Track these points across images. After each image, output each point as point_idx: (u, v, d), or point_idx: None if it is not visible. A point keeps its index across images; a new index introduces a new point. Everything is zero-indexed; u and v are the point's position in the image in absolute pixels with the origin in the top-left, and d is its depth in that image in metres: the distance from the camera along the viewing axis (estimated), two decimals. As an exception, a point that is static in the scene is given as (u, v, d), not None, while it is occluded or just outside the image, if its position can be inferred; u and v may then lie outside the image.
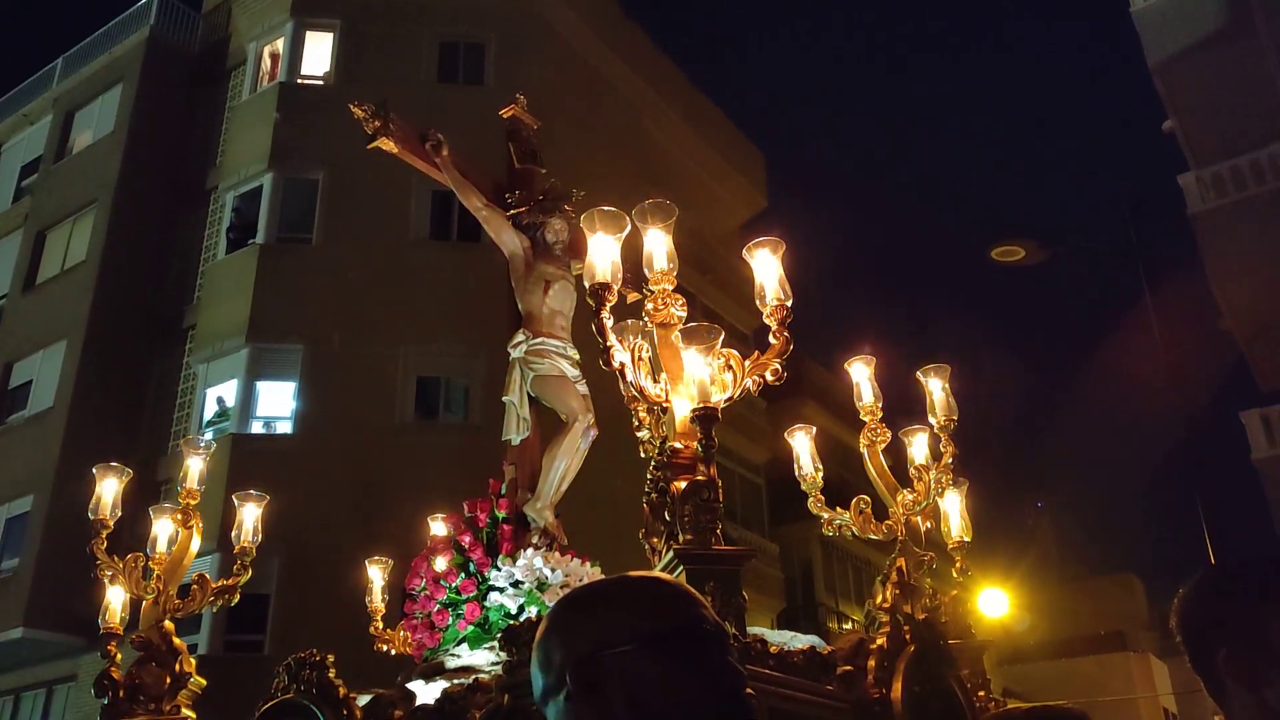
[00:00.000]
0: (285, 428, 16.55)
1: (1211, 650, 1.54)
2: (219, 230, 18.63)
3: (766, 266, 4.05)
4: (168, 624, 5.17)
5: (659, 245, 3.96)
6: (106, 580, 5.29)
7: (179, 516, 5.37)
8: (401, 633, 5.85)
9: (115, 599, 5.32)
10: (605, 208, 3.92)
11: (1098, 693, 23.82)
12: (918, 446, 5.28)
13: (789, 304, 3.99)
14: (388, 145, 5.86)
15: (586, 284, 3.89)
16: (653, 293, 3.96)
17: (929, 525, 5.28)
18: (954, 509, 5.48)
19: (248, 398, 16.60)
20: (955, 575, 5.40)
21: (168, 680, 5.06)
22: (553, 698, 1.24)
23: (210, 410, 17.11)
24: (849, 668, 3.62)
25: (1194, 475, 9.68)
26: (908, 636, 3.78)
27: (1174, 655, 35.37)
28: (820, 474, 5.45)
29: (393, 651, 6.07)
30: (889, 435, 5.34)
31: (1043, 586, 30.23)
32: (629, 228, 3.95)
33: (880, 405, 5.33)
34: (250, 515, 5.74)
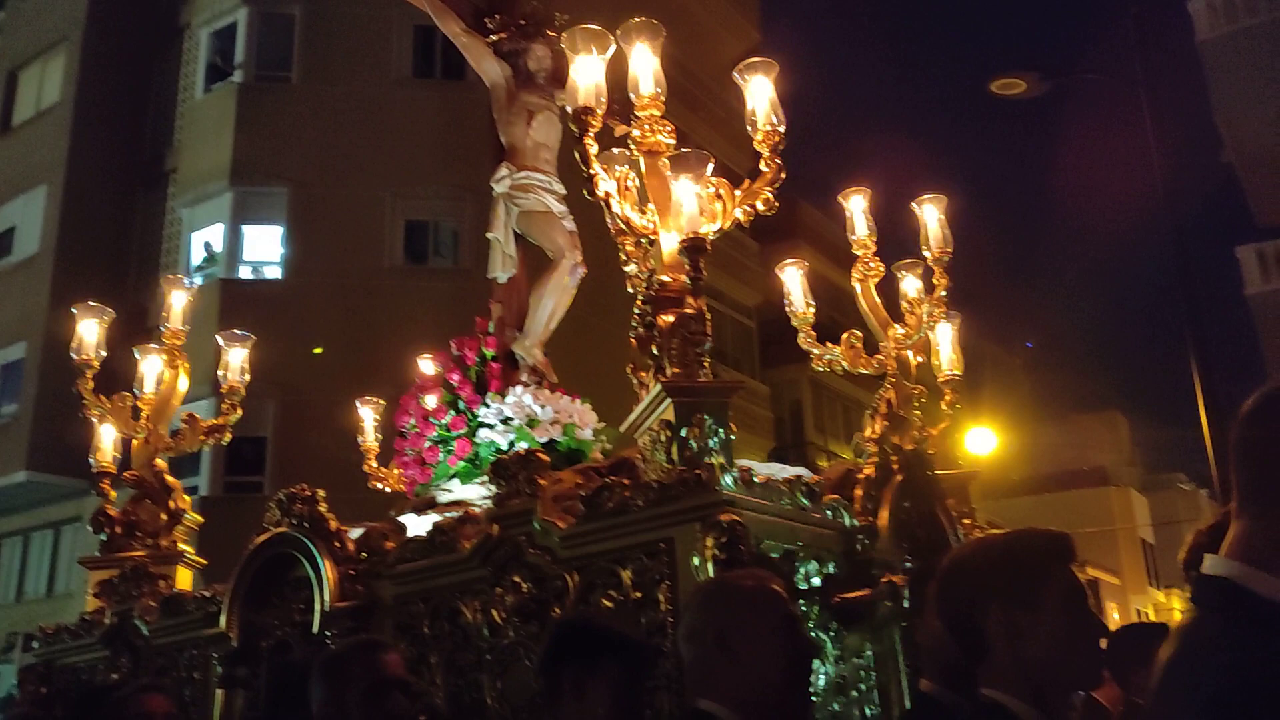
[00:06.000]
0: (274, 272, 16.43)
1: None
2: (195, 69, 18.04)
3: (759, 90, 3.88)
4: (160, 462, 5.21)
5: (645, 68, 3.76)
6: (95, 420, 5.29)
7: (165, 356, 5.33)
8: (395, 470, 5.90)
9: (106, 438, 5.34)
10: (588, 25, 3.72)
11: (1079, 525, 24.52)
12: (910, 280, 5.20)
13: (782, 129, 3.83)
14: (360, -34, 5.54)
15: (569, 109, 3.72)
16: (639, 119, 3.80)
17: (920, 360, 5.26)
18: (945, 342, 5.44)
19: (234, 242, 16.42)
20: (944, 409, 5.41)
21: (163, 517, 5.13)
22: None
23: (198, 255, 16.94)
24: (836, 496, 3.64)
25: (1186, 310, 9.65)
26: (895, 466, 3.79)
27: (1154, 490, 36.41)
28: (812, 311, 5.39)
29: (387, 489, 6.14)
30: (882, 270, 5.25)
31: (1029, 424, 30.84)
32: (613, 48, 3.75)
33: (874, 239, 5.23)
34: (237, 356, 5.71)
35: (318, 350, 11.10)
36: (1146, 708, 1.47)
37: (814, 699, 3.27)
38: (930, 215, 5.08)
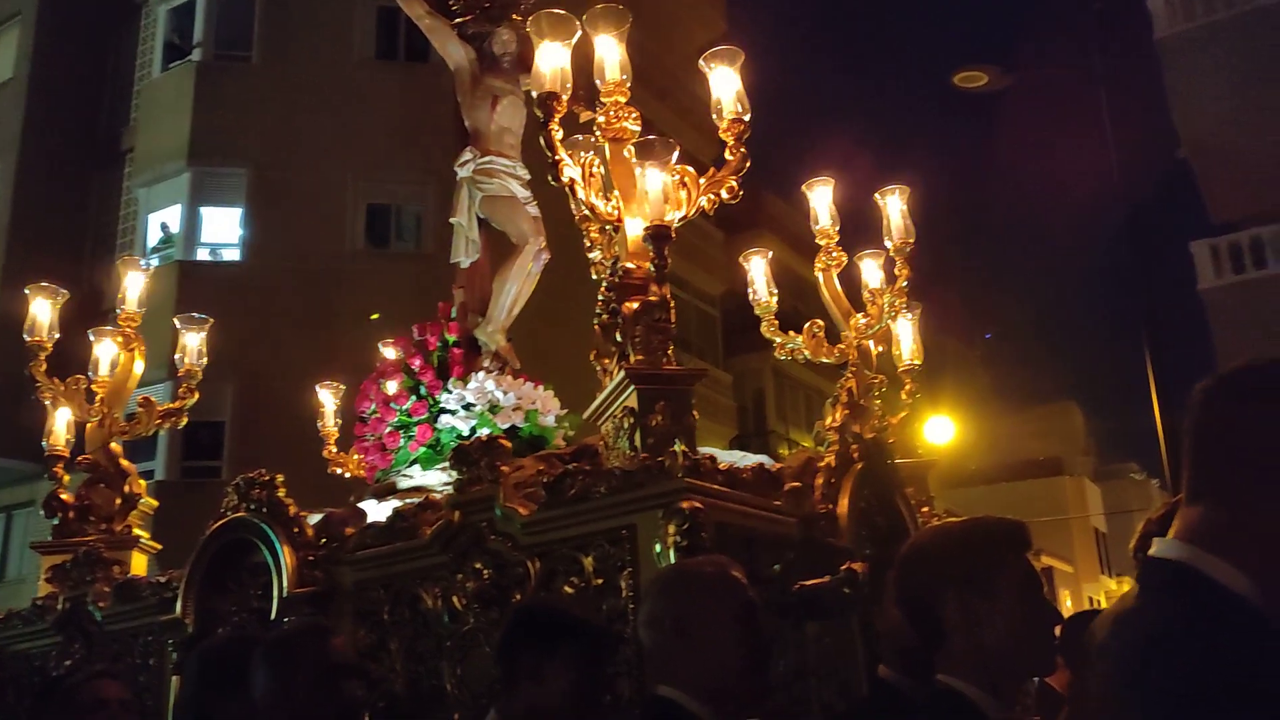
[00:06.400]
0: (233, 255, 16.20)
1: (1234, 457, 1.37)
2: (153, 47, 17.71)
3: (724, 79, 3.88)
4: (114, 446, 5.13)
5: (611, 54, 3.75)
6: (49, 403, 5.20)
7: (119, 338, 5.25)
8: (355, 456, 5.86)
9: (59, 421, 5.25)
10: (554, 10, 3.70)
11: (1034, 513, 24.86)
12: (872, 270, 5.24)
13: (747, 118, 3.84)
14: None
15: (534, 94, 3.70)
16: (604, 105, 3.78)
17: (880, 349, 5.30)
18: (906, 333, 5.49)
19: (192, 223, 16.16)
20: (904, 398, 5.47)
21: (118, 501, 5.05)
22: None
23: (155, 236, 16.67)
24: (797, 484, 3.66)
25: (1140, 303, 9.80)
26: (855, 454, 3.82)
27: (1107, 480, 37.04)
28: (775, 300, 5.42)
29: (347, 475, 6.09)
30: (845, 259, 5.29)
31: (987, 414, 31.20)
32: (579, 33, 3.73)
33: (837, 230, 5.26)
34: (194, 339, 5.64)
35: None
36: (1095, 694, 1.46)
37: (773, 685, 3.30)
38: (893, 206, 5.12)
